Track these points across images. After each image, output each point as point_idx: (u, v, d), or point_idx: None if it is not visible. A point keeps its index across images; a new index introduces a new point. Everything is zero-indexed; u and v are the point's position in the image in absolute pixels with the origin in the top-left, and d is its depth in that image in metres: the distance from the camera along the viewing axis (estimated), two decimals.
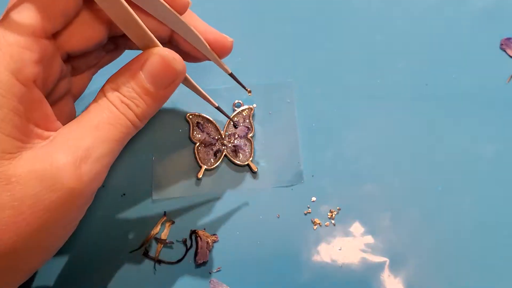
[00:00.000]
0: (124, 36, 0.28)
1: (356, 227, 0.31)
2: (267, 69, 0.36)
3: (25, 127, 0.22)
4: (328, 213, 0.31)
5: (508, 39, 0.36)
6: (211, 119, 0.34)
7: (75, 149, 0.22)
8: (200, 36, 0.28)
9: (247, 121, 0.34)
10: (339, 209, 0.32)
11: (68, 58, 0.27)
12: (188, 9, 0.29)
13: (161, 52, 0.24)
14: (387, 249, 0.30)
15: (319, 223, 0.31)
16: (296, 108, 0.35)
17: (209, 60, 0.31)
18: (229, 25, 0.38)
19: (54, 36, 0.24)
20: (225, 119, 0.34)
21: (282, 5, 0.39)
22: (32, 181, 0.21)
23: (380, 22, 0.39)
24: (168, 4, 0.26)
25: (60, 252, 0.30)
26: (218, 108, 0.31)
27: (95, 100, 0.24)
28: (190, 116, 0.34)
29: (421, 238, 0.31)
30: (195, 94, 0.29)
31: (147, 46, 0.24)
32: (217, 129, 0.34)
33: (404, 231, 0.31)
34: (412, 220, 0.31)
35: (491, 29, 0.38)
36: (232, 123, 0.34)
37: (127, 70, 0.24)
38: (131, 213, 0.31)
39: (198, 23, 0.29)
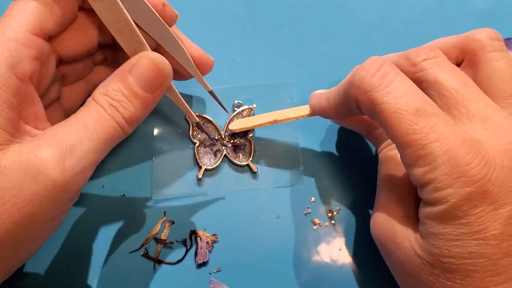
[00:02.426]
0: (111, 46, 0.29)
1: (356, 227, 0.31)
2: (267, 69, 0.36)
3: (16, 122, 0.22)
4: (328, 213, 0.31)
5: (508, 39, 0.36)
6: (211, 119, 0.34)
7: (60, 144, 0.22)
8: (186, 50, 0.29)
9: None
10: (339, 209, 0.32)
11: (59, 64, 0.27)
12: (175, 26, 0.29)
13: (150, 55, 0.24)
14: None
15: (319, 223, 0.31)
16: None
17: (192, 77, 0.31)
18: (229, 25, 0.39)
19: (50, 39, 0.24)
20: (225, 119, 0.34)
21: (281, 5, 0.39)
22: (16, 172, 0.21)
23: (379, 23, 0.39)
24: (158, 15, 0.27)
25: (60, 252, 0.30)
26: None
27: (85, 104, 0.24)
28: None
29: None
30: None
31: (135, 51, 0.25)
32: (217, 129, 0.34)
33: None
34: None
35: None
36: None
37: (116, 74, 0.24)
38: (131, 213, 0.31)
39: (183, 39, 0.30)
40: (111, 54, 0.30)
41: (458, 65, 0.27)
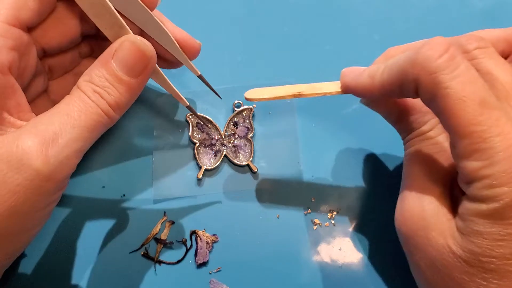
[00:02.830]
0: (96, 37, 0.29)
1: (356, 227, 0.31)
2: (267, 69, 0.36)
3: None
4: (328, 213, 0.31)
5: None
6: (211, 119, 0.34)
7: (42, 133, 0.21)
8: (170, 34, 0.28)
9: (247, 121, 0.34)
10: (339, 209, 0.32)
11: (44, 57, 0.27)
12: (158, 11, 0.29)
13: (131, 38, 0.24)
14: (388, 249, 0.30)
15: (319, 223, 0.31)
16: (296, 108, 0.35)
17: (180, 65, 0.31)
18: (229, 25, 0.39)
19: (29, 30, 0.24)
20: (225, 119, 0.34)
21: (281, 5, 0.39)
22: None
23: (379, 23, 0.39)
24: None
25: (59, 252, 0.30)
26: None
27: (70, 93, 0.24)
28: (190, 116, 0.34)
29: None
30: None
31: (117, 36, 0.24)
32: (217, 129, 0.34)
33: None
34: None
35: None
36: (233, 120, 0.34)
37: (99, 60, 0.24)
38: (131, 213, 0.31)
39: (167, 23, 0.29)
40: (97, 45, 0.30)
41: (505, 58, 0.25)
